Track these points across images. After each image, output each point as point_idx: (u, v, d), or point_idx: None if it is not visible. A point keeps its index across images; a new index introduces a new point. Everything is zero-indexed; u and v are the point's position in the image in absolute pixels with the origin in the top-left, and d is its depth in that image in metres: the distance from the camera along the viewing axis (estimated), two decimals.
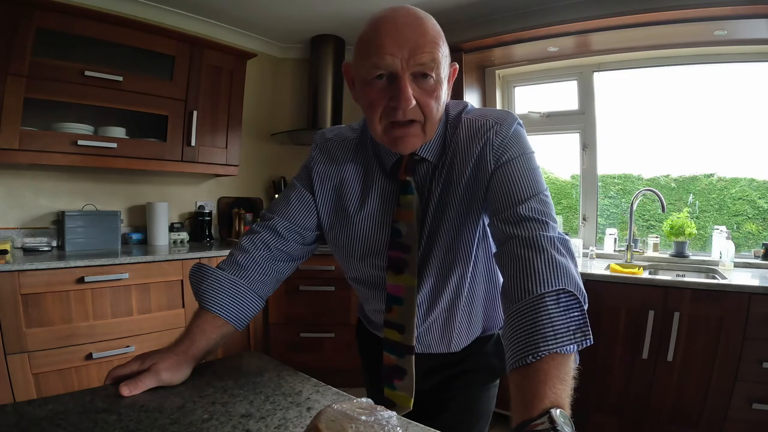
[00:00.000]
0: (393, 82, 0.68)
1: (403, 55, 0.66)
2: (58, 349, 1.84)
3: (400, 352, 0.84)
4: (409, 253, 0.78)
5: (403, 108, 0.68)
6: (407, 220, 0.77)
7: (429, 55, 0.67)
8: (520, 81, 2.93)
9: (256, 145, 3.19)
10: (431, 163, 0.79)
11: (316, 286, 2.61)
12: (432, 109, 0.71)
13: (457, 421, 0.92)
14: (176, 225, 2.72)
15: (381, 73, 0.69)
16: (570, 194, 2.87)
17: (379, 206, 0.82)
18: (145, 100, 2.32)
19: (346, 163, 0.85)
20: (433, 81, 0.70)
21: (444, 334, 0.88)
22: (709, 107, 2.43)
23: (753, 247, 2.30)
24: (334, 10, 2.67)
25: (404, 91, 0.67)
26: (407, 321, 0.81)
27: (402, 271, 0.79)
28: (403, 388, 0.85)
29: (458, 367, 0.92)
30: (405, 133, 0.71)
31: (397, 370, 0.85)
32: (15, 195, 2.21)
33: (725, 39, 2.17)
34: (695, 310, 1.79)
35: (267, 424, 0.61)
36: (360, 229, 0.83)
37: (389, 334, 0.84)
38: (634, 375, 1.92)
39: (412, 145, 0.73)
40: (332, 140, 0.87)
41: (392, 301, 0.82)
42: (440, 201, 0.78)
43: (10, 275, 1.72)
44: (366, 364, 1.04)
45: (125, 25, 2.24)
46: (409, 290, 0.79)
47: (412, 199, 0.77)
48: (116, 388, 0.68)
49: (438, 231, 0.78)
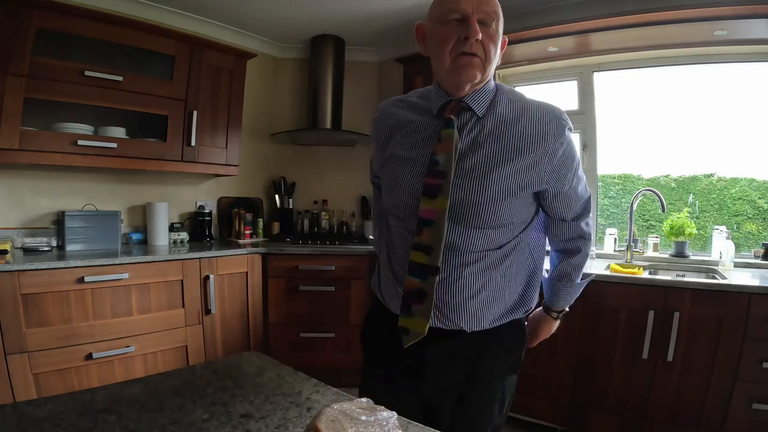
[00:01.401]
0: (463, 23, 0.86)
1: (473, 4, 0.85)
2: (58, 349, 1.84)
3: (425, 274, 0.90)
4: (444, 179, 0.88)
5: (471, 39, 0.85)
6: (445, 151, 0.89)
7: (492, 7, 0.87)
8: (520, 81, 2.92)
9: (256, 145, 3.19)
10: (475, 114, 0.92)
11: (316, 286, 2.61)
12: (490, 49, 0.88)
13: (476, 414, 0.96)
14: (176, 225, 2.72)
15: (455, 17, 0.86)
16: None
17: (423, 142, 0.94)
18: (145, 100, 2.32)
19: (400, 111, 1.01)
20: (493, 30, 0.88)
21: (466, 290, 0.92)
22: (709, 107, 2.43)
23: (753, 247, 2.30)
24: (334, 10, 2.67)
25: (474, 26, 0.85)
26: (436, 242, 0.89)
27: (436, 196, 0.88)
28: (420, 313, 0.91)
29: (481, 354, 0.95)
30: (469, 61, 0.87)
31: (419, 293, 0.91)
32: (15, 195, 2.21)
33: (725, 39, 2.17)
34: (695, 310, 1.79)
35: (267, 424, 0.61)
36: (406, 159, 0.95)
37: (416, 257, 0.91)
38: (634, 375, 1.92)
39: (473, 75, 0.88)
40: (391, 100, 1.06)
41: (423, 224, 0.90)
42: (474, 144, 0.90)
43: (10, 275, 1.72)
44: (373, 347, 1.07)
45: (125, 25, 2.24)
46: (440, 212, 0.88)
47: (452, 133, 0.89)
48: (116, 388, 0.68)
49: (471, 169, 0.89)
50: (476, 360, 0.95)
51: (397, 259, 0.98)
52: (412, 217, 0.92)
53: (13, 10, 1.88)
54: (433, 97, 0.95)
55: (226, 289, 2.45)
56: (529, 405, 2.18)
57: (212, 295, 2.35)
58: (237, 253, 2.50)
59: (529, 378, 2.17)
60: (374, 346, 1.07)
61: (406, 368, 0.96)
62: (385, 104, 1.06)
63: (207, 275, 2.33)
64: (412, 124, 0.97)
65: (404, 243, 0.95)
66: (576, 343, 2.04)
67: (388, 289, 1.01)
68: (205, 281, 2.33)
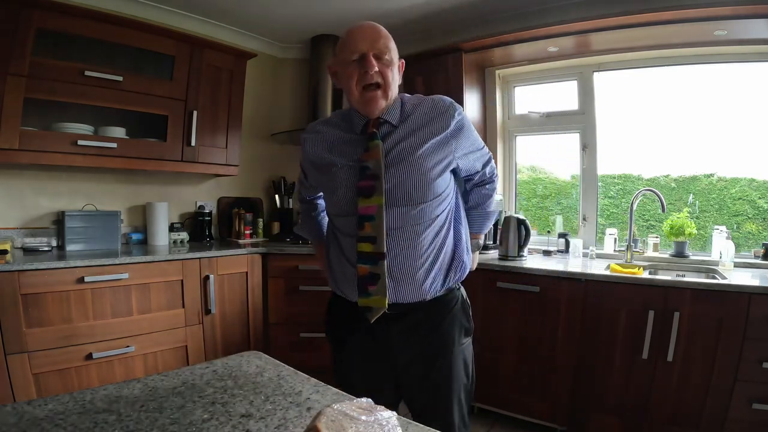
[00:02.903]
0: (362, 61, 1.06)
1: (367, 44, 1.06)
2: (58, 349, 1.84)
3: (374, 260, 1.06)
4: (377, 180, 1.05)
5: (370, 71, 1.05)
6: (375, 158, 1.07)
7: (382, 43, 1.07)
8: (520, 81, 2.92)
9: (256, 145, 3.19)
10: (391, 125, 1.11)
11: (316, 286, 2.61)
12: (388, 75, 1.08)
13: (446, 375, 1.14)
14: (176, 225, 2.72)
15: (355, 57, 1.06)
16: (570, 194, 2.87)
17: (352, 153, 1.12)
18: (145, 100, 2.32)
19: (326, 131, 1.19)
20: (387, 59, 1.08)
21: (412, 263, 1.08)
22: (709, 107, 2.42)
23: (753, 247, 2.30)
24: (334, 10, 2.67)
25: (370, 61, 1.05)
26: (378, 232, 1.05)
27: (371, 195, 1.05)
28: (377, 292, 1.07)
29: (436, 322, 1.13)
30: (373, 95, 1.07)
31: (372, 276, 1.06)
32: (15, 195, 2.21)
33: (725, 39, 2.17)
34: (695, 310, 1.79)
35: (267, 424, 0.61)
36: (340, 167, 1.12)
37: (363, 248, 1.07)
38: (634, 375, 1.92)
39: (379, 105, 1.08)
40: (317, 122, 1.25)
41: (365, 219, 1.06)
42: (395, 143, 1.09)
43: (10, 275, 1.72)
44: (341, 328, 1.21)
45: (125, 25, 2.24)
46: (378, 208, 1.05)
47: (378, 143, 1.08)
48: (116, 388, 0.68)
49: (397, 160, 1.08)
50: (434, 327, 1.14)
51: (347, 253, 1.12)
52: (353, 216, 1.08)
53: (13, 10, 1.88)
54: (354, 120, 1.14)
55: (226, 289, 2.46)
56: (529, 405, 2.18)
57: (212, 295, 2.35)
58: (237, 253, 2.50)
59: (529, 378, 2.17)
60: (339, 335, 1.22)
61: (376, 346, 1.13)
62: (312, 125, 1.23)
63: (207, 275, 2.33)
64: (340, 139, 1.15)
65: (350, 239, 1.10)
66: (576, 343, 2.04)
67: (343, 281, 1.14)
68: (205, 281, 2.33)
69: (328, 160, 1.15)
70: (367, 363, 1.16)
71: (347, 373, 1.20)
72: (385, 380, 1.16)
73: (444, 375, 1.14)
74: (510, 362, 2.22)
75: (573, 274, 2.06)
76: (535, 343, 2.14)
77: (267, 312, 2.66)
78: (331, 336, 1.25)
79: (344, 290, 1.15)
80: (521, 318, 2.18)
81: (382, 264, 1.05)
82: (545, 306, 2.10)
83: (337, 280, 1.18)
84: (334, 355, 1.23)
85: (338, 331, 1.22)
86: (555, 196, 2.94)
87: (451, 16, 2.66)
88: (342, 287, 1.16)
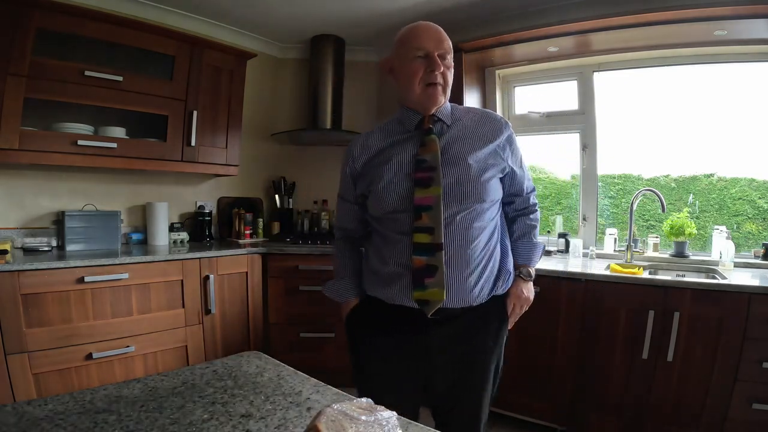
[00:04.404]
0: (427, 59, 1.10)
1: (434, 43, 1.10)
2: (58, 349, 1.84)
3: (431, 251, 1.05)
4: (435, 171, 1.07)
5: (437, 71, 1.09)
6: (432, 151, 1.10)
7: (447, 44, 1.13)
8: (520, 81, 2.92)
9: (256, 145, 3.19)
10: (444, 123, 1.16)
11: (316, 286, 2.60)
12: (448, 76, 1.14)
13: (479, 379, 1.15)
14: (176, 225, 2.72)
15: (420, 54, 1.10)
16: (570, 194, 2.87)
17: (406, 150, 1.13)
18: (145, 100, 2.32)
19: (375, 135, 1.21)
20: (449, 61, 1.13)
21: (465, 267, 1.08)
22: (708, 107, 2.43)
23: (753, 247, 2.30)
24: (334, 10, 2.67)
25: (436, 59, 1.10)
26: (436, 223, 1.05)
27: (429, 185, 1.07)
28: (435, 284, 1.05)
29: (478, 327, 1.14)
30: (435, 91, 1.12)
31: (428, 269, 1.05)
32: (15, 195, 2.21)
33: (725, 39, 2.17)
34: (695, 310, 1.79)
35: (267, 424, 0.61)
36: (392, 165, 1.12)
37: (420, 238, 1.06)
38: (634, 375, 1.92)
39: (438, 100, 1.13)
40: (362, 134, 1.26)
41: (422, 209, 1.06)
42: (450, 142, 1.13)
43: (10, 275, 1.72)
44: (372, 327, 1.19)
45: (125, 25, 2.24)
46: (436, 198, 1.06)
47: (434, 138, 1.12)
48: (116, 388, 0.68)
49: (454, 159, 1.10)
50: (475, 334, 1.14)
51: (397, 254, 1.10)
52: (407, 212, 1.08)
53: (13, 10, 1.88)
54: (407, 119, 1.17)
55: (226, 289, 2.46)
56: (529, 405, 2.18)
57: (212, 295, 2.35)
58: (237, 253, 2.50)
59: (529, 378, 2.17)
60: (368, 335, 1.20)
61: (413, 348, 1.12)
62: (357, 136, 1.25)
63: (207, 275, 2.33)
64: (392, 139, 1.17)
65: (403, 237, 1.10)
66: (576, 343, 2.04)
67: (383, 283, 1.13)
68: (205, 281, 2.33)
69: (381, 158, 1.15)
70: (401, 363, 1.14)
71: (375, 373, 1.19)
72: (414, 383, 1.15)
73: (478, 379, 1.15)
74: (510, 362, 2.22)
75: (573, 274, 2.06)
76: (535, 343, 2.14)
77: (267, 312, 2.66)
78: (357, 336, 1.24)
79: (383, 292, 1.13)
80: (521, 317, 2.17)
81: (440, 255, 1.04)
82: (545, 306, 2.10)
83: (373, 283, 1.17)
84: (359, 356, 1.23)
85: (366, 330, 1.21)
86: (555, 196, 2.94)
87: (451, 16, 2.66)
88: (379, 290, 1.14)
